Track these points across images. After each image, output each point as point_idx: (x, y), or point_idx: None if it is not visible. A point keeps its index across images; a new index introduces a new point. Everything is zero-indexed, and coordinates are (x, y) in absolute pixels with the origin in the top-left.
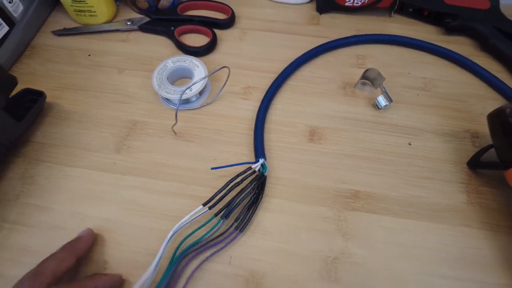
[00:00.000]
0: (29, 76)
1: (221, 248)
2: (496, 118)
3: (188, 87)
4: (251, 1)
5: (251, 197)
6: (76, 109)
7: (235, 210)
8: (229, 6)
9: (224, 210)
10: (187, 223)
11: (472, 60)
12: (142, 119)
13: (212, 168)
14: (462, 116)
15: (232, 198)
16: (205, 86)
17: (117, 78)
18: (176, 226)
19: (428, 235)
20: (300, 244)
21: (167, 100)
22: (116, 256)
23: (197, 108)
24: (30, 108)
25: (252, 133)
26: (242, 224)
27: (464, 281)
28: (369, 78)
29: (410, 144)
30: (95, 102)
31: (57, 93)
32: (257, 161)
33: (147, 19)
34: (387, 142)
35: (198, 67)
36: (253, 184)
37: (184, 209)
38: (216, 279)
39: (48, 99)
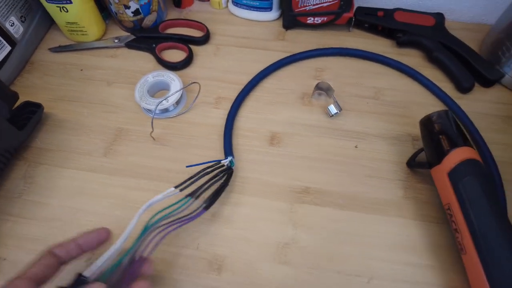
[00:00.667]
0: (28, 89)
1: (188, 220)
2: (424, 124)
3: (164, 99)
4: (225, 19)
5: (219, 185)
6: (69, 118)
7: (204, 195)
8: (204, 25)
9: (194, 190)
10: (159, 200)
11: (419, 70)
12: (127, 126)
13: (187, 166)
14: (405, 121)
15: (203, 184)
16: (181, 97)
17: (106, 90)
18: (149, 202)
19: (367, 225)
20: (257, 232)
21: (148, 110)
22: None
23: (174, 116)
24: (30, 119)
25: (222, 138)
26: (208, 203)
27: (395, 263)
28: (323, 89)
29: (356, 147)
30: (86, 111)
31: (53, 104)
32: (226, 158)
33: (133, 37)
34: (336, 145)
35: (174, 81)
36: (222, 173)
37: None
38: (185, 261)
39: (45, 110)
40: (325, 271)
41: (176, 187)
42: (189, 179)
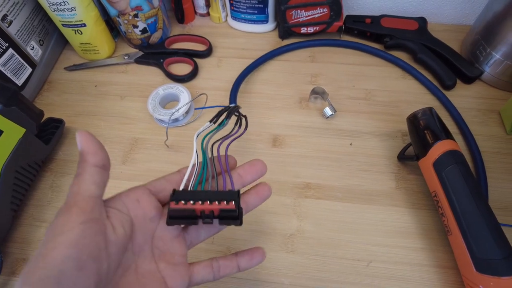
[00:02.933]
0: (49, 106)
1: (233, 135)
2: (411, 121)
3: (176, 110)
4: (225, 33)
5: (238, 114)
6: (88, 130)
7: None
8: (207, 39)
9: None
10: (199, 132)
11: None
12: (141, 136)
13: (196, 108)
14: (395, 119)
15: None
16: (190, 107)
17: (119, 104)
18: (197, 132)
19: (364, 214)
20: (266, 225)
21: (160, 120)
22: None
23: (184, 125)
24: (54, 133)
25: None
26: (239, 123)
27: (391, 247)
28: (318, 93)
29: (351, 144)
30: (104, 124)
31: (73, 118)
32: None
33: (141, 53)
34: (333, 143)
35: (183, 93)
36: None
37: None
38: (202, 254)
39: (65, 124)
40: (328, 257)
41: (210, 121)
42: (218, 113)
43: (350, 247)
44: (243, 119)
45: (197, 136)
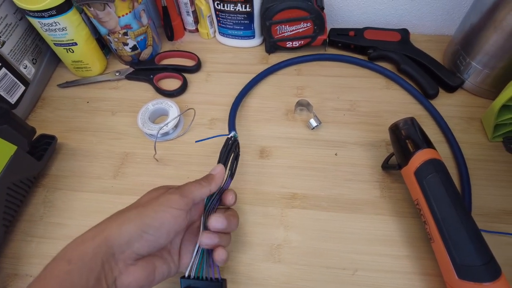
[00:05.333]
0: (42, 123)
1: (223, 189)
2: (393, 130)
3: (165, 125)
4: (214, 48)
5: (234, 155)
6: (80, 146)
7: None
8: (195, 54)
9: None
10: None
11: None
12: (132, 150)
13: (196, 141)
14: (379, 129)
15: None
16: (179, 121)
17: (111, 119)
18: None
19: (348, 223)
20: (253, 236)
21: (150, 135)
22: None
23: (174, 139)
24: (46, 150)
25: (217, 155)
26: (232, 172)
27: (376, 255)
28: (303, 105)
29: (336, 155)
30: (95, 140)
31: (65, 134)
32: (230, 133)
33: (132, 69)
34: (318, 154)
35: (172, 107)
36: (235, 146)
37: None
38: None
39: (58, 140)
40: (314, 267)
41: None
42: (220, 156)
43: (336, 256)
44: (235, 164)
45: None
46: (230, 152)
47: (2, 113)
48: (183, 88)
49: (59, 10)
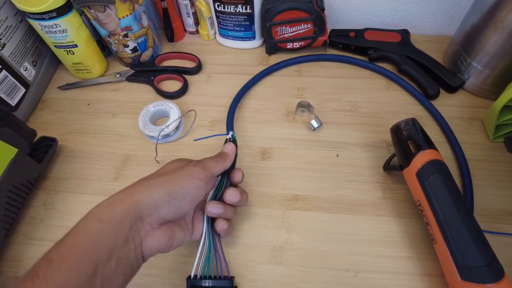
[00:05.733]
0: (42, 125)
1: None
2: (394, 131)
3: (166, 126)
4: (214, 49)
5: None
6: (81, 148)
7: None
8: (196, 56)
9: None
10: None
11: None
12: (133, 153)
13: (195, 140)
14: (380, 129)
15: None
16: (180, 123)
17: (111, 121)
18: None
19: (350, 224)
20: (255, 238)
21: (151, 136)
22: None
23: (175, 140)
24: (47, 152)
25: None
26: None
27: (378, 257)
28: (304, 107)
29: (337, 156)
30: (96, 142)
31: (66, 136)
32: (227, 133)
33: (132, 71)
34: (320, 155)
35: (173, 109)
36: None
37: None
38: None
39: (59, 142)
40: (317, 269)
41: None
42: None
43: (338, 258)
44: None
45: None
46: None
47: (3, 115)
48: (183, 90)
49: (60, 12)
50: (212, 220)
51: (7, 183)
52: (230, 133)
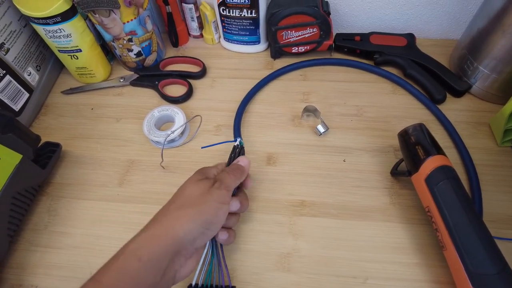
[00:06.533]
0: (45, 130)
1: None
2: (402, 137)
3: (172, 132)
4: (218, 54)
5: None
6: (84, 154)
7: None
8: (201, 60)
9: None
10: None
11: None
12: (137, 158)
13: (202, 147)
14: (386, 134)
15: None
16: (185, 128)
17: (115, 126)
18: None
19: (358, 230)
20: (262, 245)
21: (156, 142)
22: None
23: (180, 146)
24: (51, 157)
25: (221, 158)
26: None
27: (386, 263)
28: (310, 111)
29: (344, 161)
30: (100, 147)
31: (69, 142)
32: (235, 140)
33: (136, 75)
34: (326, 160)
35: (178, 114)
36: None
37: None
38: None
39: (62, 148)
40: (325, 275)
41: None
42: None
43: (346, 264)
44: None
45: None
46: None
47: (7, 121)
48: (188, 94)
49: (64, 17)
50: None
51: (11, 189)
52: (238, 139)
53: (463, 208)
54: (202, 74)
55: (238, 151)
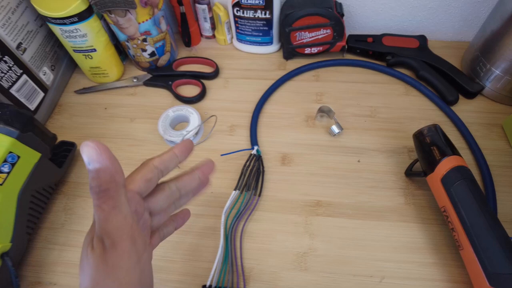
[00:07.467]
0: (59, 129)
1: (252, 210)
2: (417, 137)
3: (188, 132)
4: (230, 54)
5: (257, 173)
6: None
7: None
8: (213, 61)
9: (245, 185)
10: (228, 206)
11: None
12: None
13: (222, 155)
14: (400, 135)
15: (247, 177)
16: (199, 128)
17: (129, 126)
18: (224, 209)
19: (374, 230)
20: (278, 244)
21: (170, 141)
22: None
23: (195, 145)
24: (66, 156)
25: (236, 162)
26: (257, 191)
27: (402, 263)
28: (324, 112)
29: (359, 161)
30: (114, 146)
31: (83, 141)
32: (252, 148)
33: (149, 75)
34: (341, 161)
35: (192, 114)
36: (256, 162)
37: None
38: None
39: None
40: (341, 274)
41: (235, 189)
42: (239, 178)
43: (362, 264)
44: (260, 180)
45: (224, 215)
46: (253, 168)
47: (27, 120)
48: (202, 95)
49: (81, 17)
50: (227, 232)
51: (30, 188)
52: (255, 148)
53: (480, 208)
54: (215, 74)
55: (256, 160)
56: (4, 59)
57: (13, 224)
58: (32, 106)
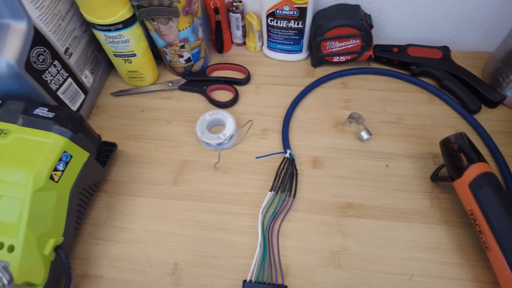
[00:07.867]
0: (98, 130)
1: (287, 211)
2: (444, 144)
3: (224, 136)
4: (260, 61)
5: (291, 175)
6: (138, 153)
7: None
8: (245, 67)
9: (280, 187)
10: (265, 206)
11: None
12: (190, 158)
13: (257, 157)
14: (425, 141)
15: (281, 180)
16: (234, 131)
17: (166, 128)
18: (261, 209)
19: (402, 231)
20: (312, 243)
21: (207, 143)
22: (183, 259)
23: (229, 148)
24: (108, 156)
25: (269, 164)
26: (292, 192)
27: (429, 262)
28: (354, 118)
29: (387, 166)
30: (153, 147)
31: (123, 141)
32: (285, 151)
33: (184, 80)
34: (370, 165)
35: (228, 118)
36: (290, 165)
37: (224, 222)
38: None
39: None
40: (372, 272)
41: (270, 190)
42: (274, 180)
43: (392, 263)
44: (294, 182)
45: (261, 215)
46: (287, 171)
47: (78, 121)
48: (235, 100)
49: (126, 24)
50: (264, 230)
51: (80, 185)
52: (288, 151)
53: (507, 212)
54: (247, 80)
55: (289, 164)
56: (54, 63)
57: (65, 219)
58: (74, 107)
